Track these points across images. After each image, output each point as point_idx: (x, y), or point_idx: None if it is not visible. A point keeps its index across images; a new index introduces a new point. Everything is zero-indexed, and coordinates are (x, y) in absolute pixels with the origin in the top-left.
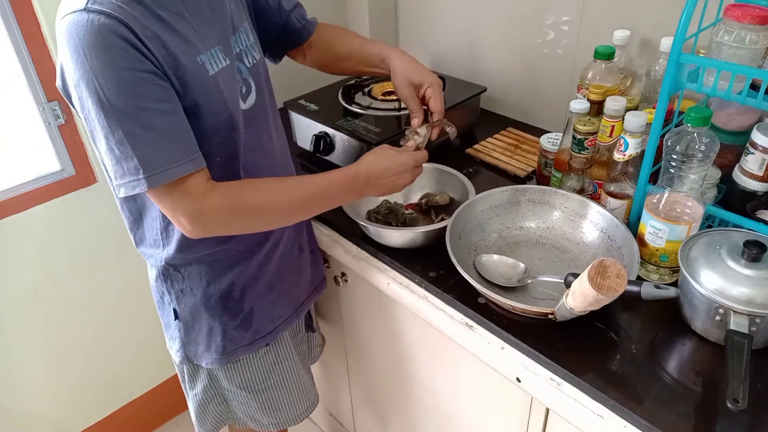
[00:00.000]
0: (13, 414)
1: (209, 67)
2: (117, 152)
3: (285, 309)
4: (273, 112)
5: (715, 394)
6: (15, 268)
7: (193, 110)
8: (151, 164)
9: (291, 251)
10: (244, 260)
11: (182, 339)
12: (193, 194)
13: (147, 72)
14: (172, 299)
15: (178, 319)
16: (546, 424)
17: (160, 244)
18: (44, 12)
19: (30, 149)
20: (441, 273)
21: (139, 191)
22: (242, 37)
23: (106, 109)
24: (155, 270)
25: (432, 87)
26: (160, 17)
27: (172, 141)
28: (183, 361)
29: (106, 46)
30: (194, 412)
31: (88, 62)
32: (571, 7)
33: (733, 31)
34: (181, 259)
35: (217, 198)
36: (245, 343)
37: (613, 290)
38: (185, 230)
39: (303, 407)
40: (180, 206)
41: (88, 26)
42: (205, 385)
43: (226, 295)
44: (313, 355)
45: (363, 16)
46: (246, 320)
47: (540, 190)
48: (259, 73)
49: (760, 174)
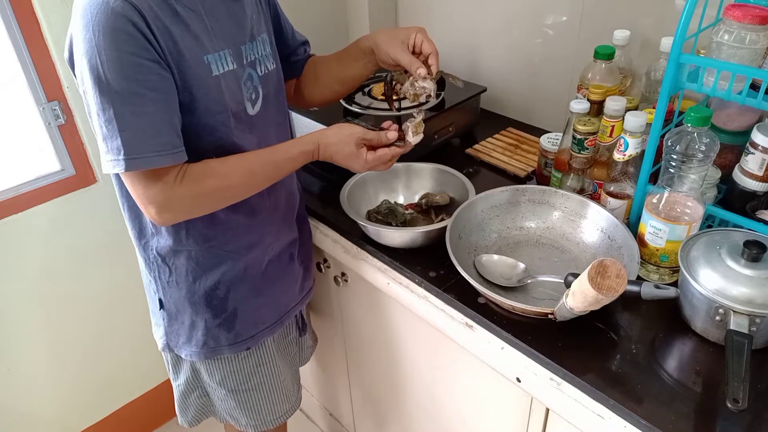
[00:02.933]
0: (13, 414)
1: (214, 67)
2: (104, 130)
3: (270, 315)
4: (277, 121)
5: (715, 394)
6: (15, 268)
7: (189, 105)
8: (132, 148)
9: (281, 258)
10: (231, 260)
11: (165, 328)
12: (165, 184)
13: (150, 60)
14: (158, 288)
15: (162, 308)
16: (546, 424)
17: (151, 234)
18: (44, 12)
19: (30, 149)
20: (441, 273)
21: (117, 171)
22: (259, 47)
23: (102, 86)
24: (144, 259)
25: (419, 33)
26: (176, 11)
27: (157, 130)
28: (164, 348)
29: (115, 29)
30: (177, 400)
31: (95, 40)
32: (571, 7)
33: (733, 31)
34: (169, 249)
35: (185, 186)
36: (226, 344)
37: (613, 290)
38: (152, 218)
39: (283, 410)
40: (151, 194)
41: (103, 6)
42: (188, 376)
43: (211, 292)
44: (303, 356)
45: (363, 17)
46: (228, 320)
47: (540, 190)
48: (269, 83)
49: (760, 174)
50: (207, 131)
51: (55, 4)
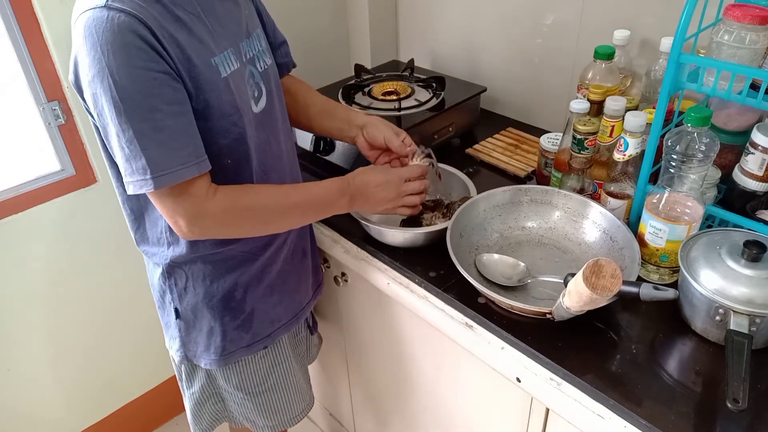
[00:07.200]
0: (13, 414)
1: (222, 69)
2: (126, 150)
3: (285, 312)
4: (282, 116)
5: (715, 394)
6: (15, 268)
7: (203, 111)
8: (158, 165)
9: (294, 255)
10: (248, 261)
11: (182, 338)
12: (195, 197)
13: (162, 72)
14: (173, 298)
15: (179, 318)
16: (546, 424)
17: (164, 243)
18: (44, 12)
19: (30, 149)
20: (441, 273)
21: (145, 191)
22: (255, 42)
23: (118, 107)
24: (159, 268)
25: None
26: (178, 17)
27: (180, 143)
28: (182, 360)
29: (125, 45)
30: (190, 410)
31: (105, 59)
32: (571, 7)
33: (733, 31)
34: (185, 258)
35: (218, 201)
36: (244, 345)
37: (607, 290)
38: (180, 231)
39: (299, 409)
40: (181, 208)
41: (107, 23)
42: (203, 384)
43: (228, 295)
44: (310, 355)
45: (363, 17)
46: (246, 321)
47: (542, 190)
48: (269, 79)
49: (760, 174)
50: (221, 134)
51: (55, 4)
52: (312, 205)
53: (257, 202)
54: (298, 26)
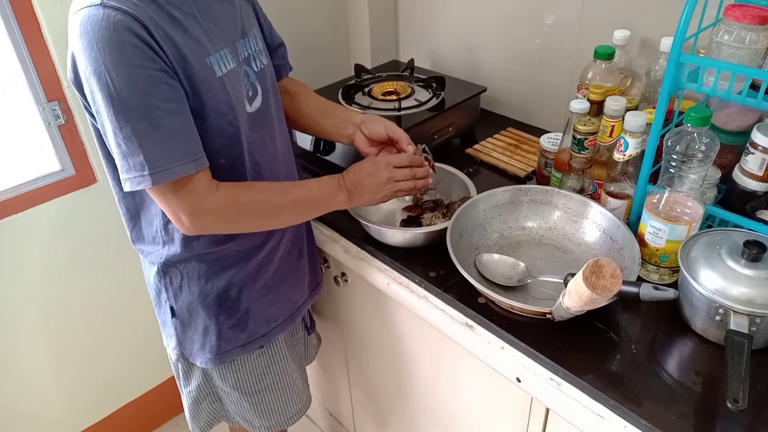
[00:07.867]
0: (13, 414)
1: (217, 68)
2: (124, 147)
3: (281, 312)
4: (278, 116)
5: (715, 394)
6: (15, 268)
7: (200, 111)
8: (155, 162)
9: (290, 254)
10: (242, 261)
11: (178, 337)
12: (196, 193)
13: (158, 71)
14: (169, 296)
15: (174, 317)
16: (546, 424)
17: (159, 241)
18: (44, 12)
19: (30, 149)
20: (441, 273)
21: (143, 187)
22: (251, 42)
23: (116, 104)
24: (154, 267)
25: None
26: (173, 16)
27: (177, 140)
28: (179, 359)
29: (120, 43)
30: (188, 409)
31: (101, 57)
32: (571, 7)
33: (733, 31)
34: (180, 257)
35: (220, 196)
36: (239, 344)
37: (607, 290)
38: (183, 227)
39: (295, 410)
40: (183, 204)
41: (103, 22)
42: (200, 382)
43: (223, 294)
44: (308, 355)
45: (363, 17)
46: (242, 321)
47: (542, 190)
48: (266, 78)
49: (760, 174)
50: (217, 133)
51: (55, 3)
52: (311, 201)
53: (258, 198)
54: (298, 26)
